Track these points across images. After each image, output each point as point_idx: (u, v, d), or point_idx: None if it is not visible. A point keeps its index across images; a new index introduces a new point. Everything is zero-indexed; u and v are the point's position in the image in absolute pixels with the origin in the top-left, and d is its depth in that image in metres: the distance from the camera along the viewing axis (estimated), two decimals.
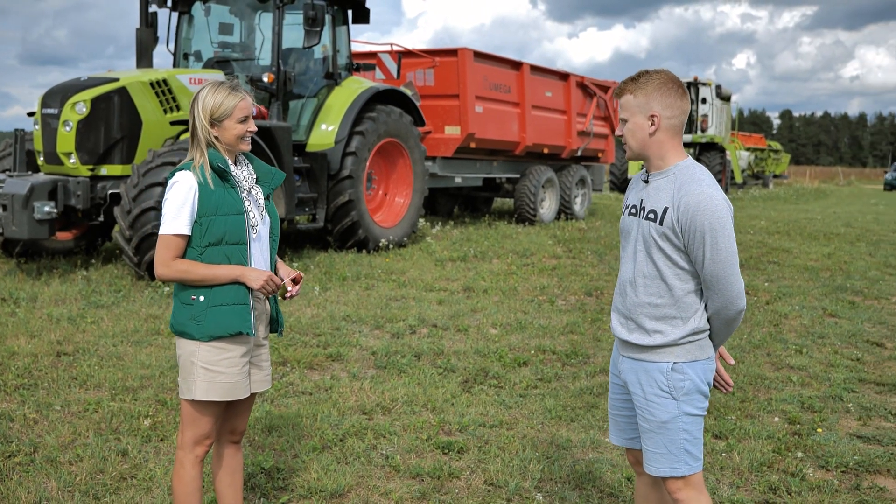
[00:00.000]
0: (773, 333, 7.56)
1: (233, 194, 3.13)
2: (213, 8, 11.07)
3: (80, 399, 5.24)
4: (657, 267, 2.83)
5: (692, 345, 2.84)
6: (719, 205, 2.72)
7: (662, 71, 2.86)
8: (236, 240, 3.12)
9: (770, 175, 40.69)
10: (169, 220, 3.05)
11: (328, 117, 11.06)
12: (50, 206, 8.66)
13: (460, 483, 4.24)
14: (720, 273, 2.74)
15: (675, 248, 2.79)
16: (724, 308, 2.79)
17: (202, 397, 3.10)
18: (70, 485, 4.00)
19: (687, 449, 2.85)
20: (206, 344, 3.08)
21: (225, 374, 3.10)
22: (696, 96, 27.64)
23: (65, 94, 9.32)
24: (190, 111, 3.14)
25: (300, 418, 4.99)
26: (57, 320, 7.17)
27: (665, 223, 2.78)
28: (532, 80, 15.28)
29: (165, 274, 3.08)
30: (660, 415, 2.85)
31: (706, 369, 2.87)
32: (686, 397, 2.83)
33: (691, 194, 2.73)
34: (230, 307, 3.08)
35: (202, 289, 3.08)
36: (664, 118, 2.80)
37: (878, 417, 5.44)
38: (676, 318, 2.83)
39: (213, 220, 3.07)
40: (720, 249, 2.72)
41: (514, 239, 13.13)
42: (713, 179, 2.82)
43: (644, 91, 2.81)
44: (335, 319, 7.49)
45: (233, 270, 3.08)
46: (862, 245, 14.03)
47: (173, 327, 3.15)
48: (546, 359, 6.58)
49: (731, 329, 2.88)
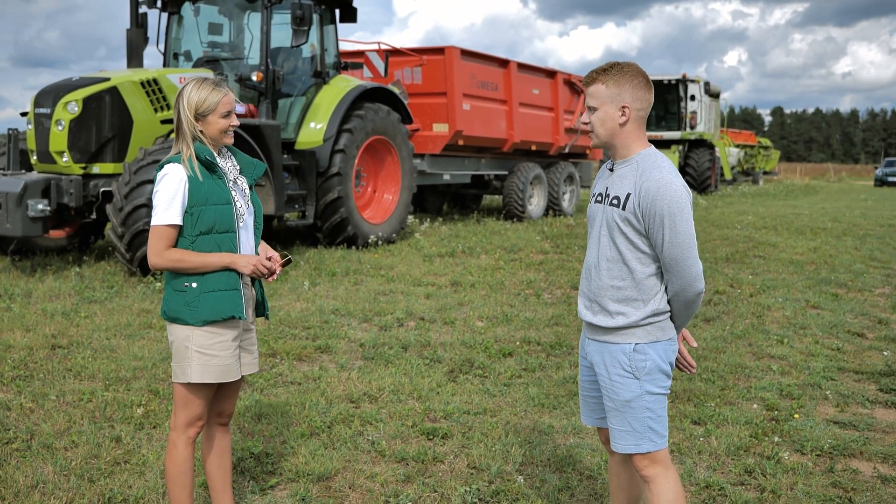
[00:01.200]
0: (755, 324, 7.71)
1: (220, 185, 3.26)
2: (203, 8, 11.18)
3: (75, 389, 5.36)
4: (619, 251, 2.95)
5: (653, 326, 2.96)
6: (678, 190, 2.85)
7: (632, 64, 2.97)
8: (226, 228, 3.25)
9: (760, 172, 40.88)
10: (161, 212, 3.18)
11: (317, 115, 11.18)
12: (43, 204, 8.76)
13: (444, 467, 4.37)
14: (678, 256, 2.85)
15: (636, 232, 2.91)
16: (683, 290, 2.91)
17: (198, 380, 3.23)
18: (66, 469, 4.13)
19: (651, 426, 2.97)
20: (200, 329, 3.21)
21: (218, 356, 3.24)
22: (684, 93, 27.81)
23: (57, 93, 9.42)
24: (175, 107, 3.26)
25: (289, 406, 5.11)
26: (51, 315, 7.28)
27: (627, 208, 2.90)
28: (519, 78, 15.42)
29: (159, 263, 3.20)
30: (623, 394, 2.97)
31: (667, 350, 2.99)
32: (648, 377, 2.95)
33: (651, 180, 2.85)
34: (222, 293, 3.22)
35: (195, 276, 3.21)
36: (634, 110, 2.92)
37: (856, 404, 5.58)
38: (637, 301, 2.95)
39: (204, 210, 3.20)
40: (678, 233, 2.83)
41: (502, 235, 13.27)
42: (673, 167, 2.94)
43: (616, 82, 2.91)
44: (324, 313, 7.61)
45: (223, 258, 3.22)
46: (848, 239, 14.20)
47: (166, 314, 3.27)
48: (531, 350, 6.72)
49: (691, 311, 2.99)
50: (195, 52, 11.14)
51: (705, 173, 27.49)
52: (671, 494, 3.00)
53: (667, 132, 27.89)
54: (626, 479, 3.29)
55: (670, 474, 3.03)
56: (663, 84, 28.19)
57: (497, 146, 15.31)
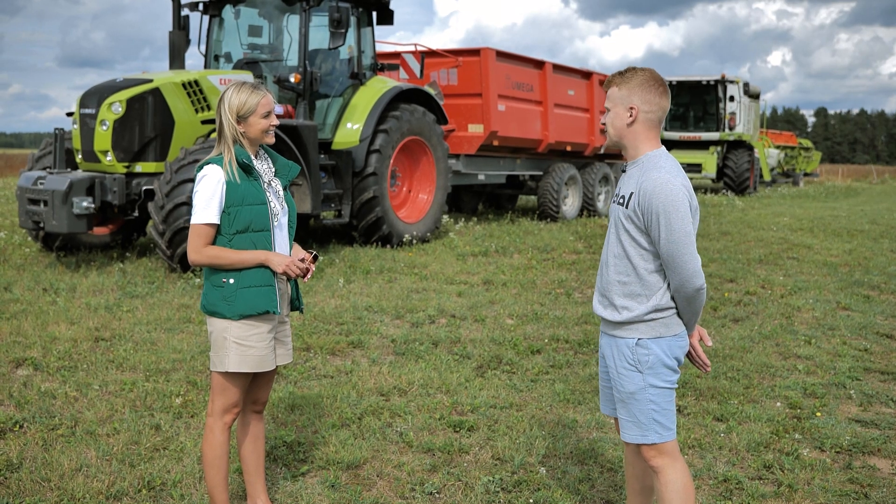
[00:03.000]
0: (784, 325, 7.75)
1: (256, 186, 3.44)
2: (243, 11, 11.44)
3: (117, 380, 5.59)
4: (624, 247, 3.11)
5: (656, 322, 3.09)
6: (674, 189, 2.98)
7: (649, 70, 3.14)
8: (261, 227, 3.44)
9: (801, 173, 40.43)
10: (200, 211, 3.37)
11: (353, 116, 11.38)
12: (88, 202, 9.06)
13: (469, 458, 4.52)
14: (675, 252, 2.98)
15: (638, 229, 3.06)
16: (682, 286, 3.03)
17: (235, 369, 3.42)
18: (108, 454, 4.34)
19: (655, 419, 3.10)
20: (237, 322, 3.39)
21: (255, 347, 3.43)
22: (723, 94, 27.60)
23: (101, 94, 9.72)
24: (217, 111, 3.45)
25: (321, 398, 5.30)
26: (95, 309, 7.55)
27: (630, 206, 3.07)
28: (554, 79, 15.51)
29: (198, 260, 3.40)
30: (628, 386, 3.12)
31: (671, 345, 3.11)
32: (651, 370, 3.09)
33: (650, 179, 3.01)
34: (257, 288, 3.41)
35: (232, 272, 3.39)
36: (642, 111, 3.09)
37: (879, 404, 5.63)
38: (641, 296, 3.09)
39: (240, 210, 3.38)
40: (674, 230, 2.97)
41: (535, 235, 13.38)
42: (676, 167, 3.07)
43: (628, 85, 3.10)
44: (357, 310, 7.80)
45: (258, 255, 3.40)
46: (885, 242, 14.08)
47: (205, 307, 3.46)
48: (559, 347, 6.84)
49: (694, 307, 3.09)
50: (235, 54, 11.40)
51: (744, 174, 27.26)
52: (679, 484, 3.12)
53: (705, 133, 27.72)
54: (641, 469, 3.41)
55: (678, 465, 3.15)
56: (702, 85, 28.04)
57: (532, 147, 15.41)
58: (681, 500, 3.12)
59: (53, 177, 9.19)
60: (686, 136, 27.92)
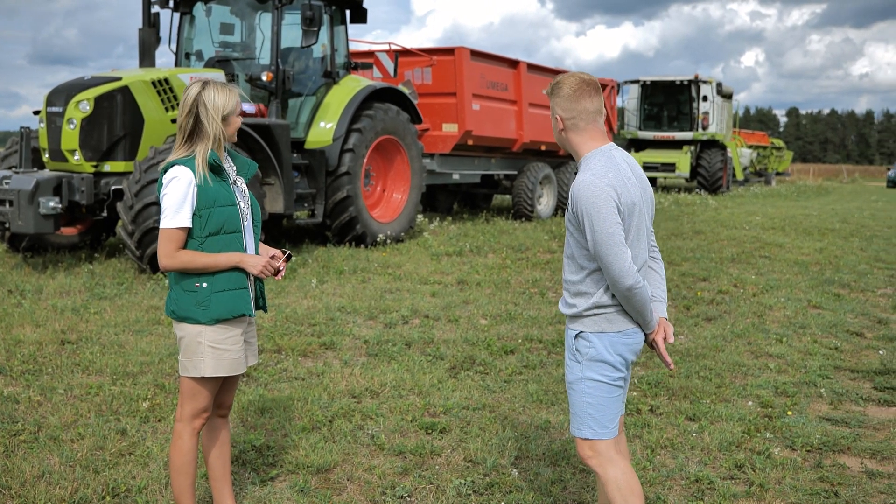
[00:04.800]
0: (755, 324, 7.78)
1: (226, 187, 3.38)
2: (214, 8, 11.32)
3: (83, 383, 5.49)
4: (572, 248, 3.19)
5: (598, 317, 3.14)
6: (594, 190, 3.00)
7: (572, 76, 3.18)
8: (233, 229, 3.38)
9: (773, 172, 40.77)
10: (171, 215, 3.27)
11: (326, 115, 11.31)
12: (55, 202, 8.92)
13: (441, 460, 4.48)
14: (600, 253, 3.02)
15: (578, 230, 3.12)
16: (613, 285, 3.07)
17: (212, 374, 3.36)
18: (72, 460, 4.26)
19: (590, 413, 3.14)
20: (211, 326, 3.33)
21: (229, 351, 3.38)
22: (697, 94, 27.78)
23: (69, 92, 9.58)
24: (191, 110, 3.32)
25: (292, 401, 5.23)
26: (61, 311, 7.43)
27: (568, 209, 3.16)
28: (529, 78, 15.51)
29: (170, 265, 3.31)
30: (568, 375, 3.24)
31: (615, 342, 3.13)
32: (589, 363, 3.14)
33: (577, 182, 3.08)
34: (232, 292, 3.36)
35: (204, 276, 3.32)
36: (565, 119, 3.17)
37: (849, 402, 5.65)
38: (586, 294, 3.15)
39: (212, 212, 3.31)
40: (596, 231, 3.00)
41: (510, 234, 13.37)
42: (606, 167, 3.07)
43: (552, 97, 3.21)
44: (330, 310, 7.73)
45: (232, 258, 3.35)
46: (855, 240, 14.20)
47: (175, 313, 3.37)
48: (533, 347, 6.82)
49: (633, 305, 3.09)
50: (207, 52, 11.28)
51: (717, 174, 27.45)
52: (621, 481, 3.14)
53: (679, 132, 27.89)
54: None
55: (617, 464, 3.16)
56: (676, 85, 28.21)
57: (507, 146, 15.40)
58: (622, 497, 3.13)
59: (19, 176, 9.05)
60: (660, 136, 28.09)
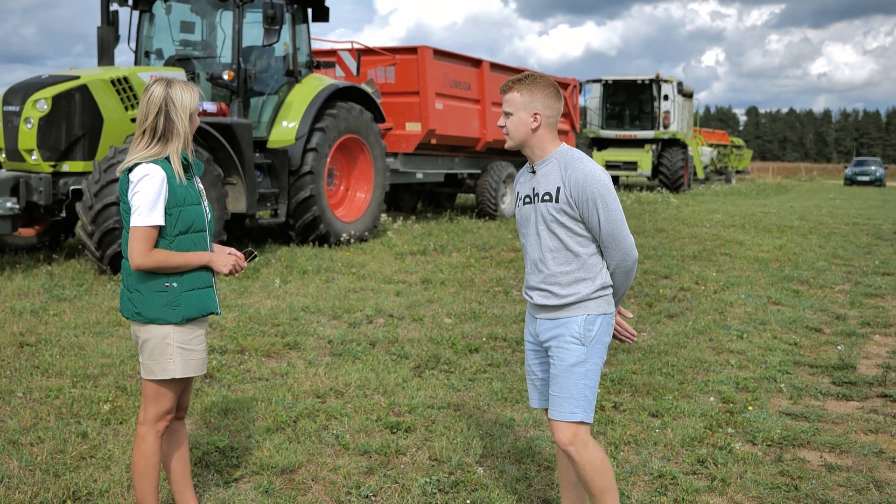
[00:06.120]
0: (717, 320, 7.87)
1: (192, 186, 3.36)
2: (174, 6, 11.20)
3: (42, 386, 5.41)
4: (560, 239, 3.24)
5: (602, 299, 3.28)
6: (602, 176, 3.20)
7: (545, 75, 3.32)
8: (200, 227, 3.37)
9: (732, 171, 41.34)
10: (145, 213, 3.22)
11: (289, 114, 11.25)
12: (12, 203, 8.77)
13: (406, 459, 4.47)
14: (614, 231, 3.20)
15: (572, 219, 3.21)
16: (623, 260, 3.25)
17: (181, 375, 3.33)
18: (31, 464, 4.19)
19: (586, 394, 3.24)
20: (180, 326, 3.31)
21: (196, 350, 3.37)
22: (658, 93, 28.06)
23: (26, 91, 9.43)
24: (160, 110, 3.27)
25: (255, 402, 5.20)
26: (20, 313, 7.31)
27: (560, 200, 3.21)
28: (492, 77, 15.54)
29: (145, 264, 3.25)
30: (568, 358, 3.24)
31: (609, 323, 3.32)
32: (592, 345, 3.25)
33: (578, 171, 3.18)
34: (200, 290, 3.35)
35: (174, 276, 3.30)
36: (545, 116, 3.25)
37: (809, 397, 5.74)
38: (586, 279, 3.25)
39: (182, 211, 3.30)
40: (611, 211, 3.18)
41: (474, 233, 13.39)
42: (590, 158, 3.27)
43: (530, 91, 3.25)
44: (294, 310, 7.69)
45: (202, 257, 3.35)
46: (813, 237, 14.43)
47: (141, 315, 3.30)
48: (497, 345, 6.84)
49: (630, 280, 3.32)
50: (167, 51, 11.16)
51: (678, 172, 27.74)
52: (597, 462, 3.25)
53: (640, 131, 28.15)
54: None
55: (590, 445, 3.27)
56: (637, 84, 28.46)
57: (470, 145, 15.42)
58: (599, 476, 3.25)
59: None
60: (622, 135, 28.32)
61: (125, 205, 3.29)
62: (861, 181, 43.29)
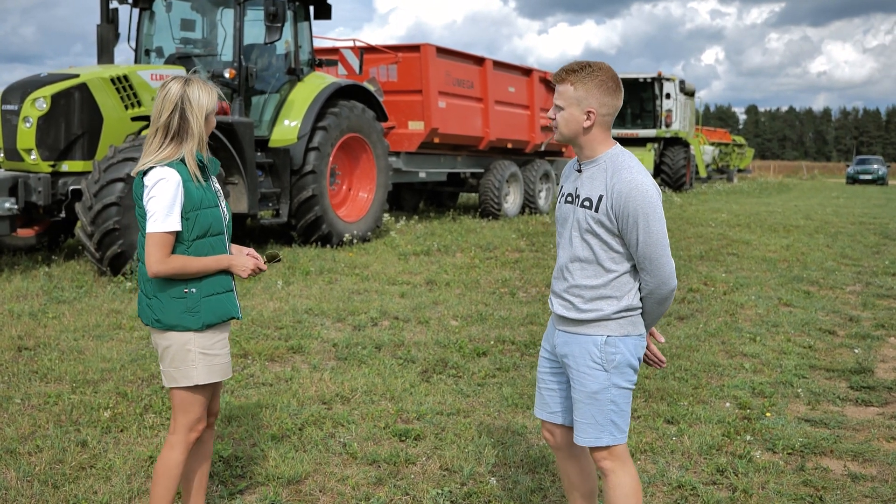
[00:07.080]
0: (728, 322, 7.73)
1: (208, 188, 3.25)
2: (175, 4, 11.06)
3: (41, 392, 5.26)
4: (593, 251, 2.96)
5: (625, 320, 2.99)
6: (649, 190, 2.87)
7: (604, 66, 2.94)
8: (218, 231, 3.26)
9: (734, 169, 41.20)
10: (161, 218, 3.10)
11: (290, 113, 11.10)
12: (10, 203, 8.63)
13: (416, 469, 4.33)
14: (653, 254, 2.89)
15: (609, 232, 2.92)
16: (658, 288, 2.95)
17: (205, 381, 3.21)
18: (29, 475, 4.04)
19: (613, 420, 3.00)
20: (202, 332, 3.20)
21: (219, 355, 3.26)
22: (660, 91, 27.91)
23: (24, 90, 9.28)
24: (176, 108, 3.16)
25: (260, 408, 5.05)
26: (18, 316, 7.16)
27: (600, 210, 2.92)
28: (495, 76, 15.40)
29: (162, 271, 3.13)
30: (590, 385, 2.99)
31: (637, 345, 3.02)
32: (616, 370, 2.98)
33: (623, 181, 2.87)
34: (220, 295, 3.24)
35: (192, 281, 3.18)
36: (600, 115, 2.93)
37: (827, 402, 5.60)
38: (612, 298, 2.97)
39: (199, 214, 3.17)
40: (652, 232, 2.87)
41: (477, 233, 13.25)
42: (641, 166, 2.96)
43: (585, 86, 2.90)
44: (297, 313, 7.54)
45: (220, 261, 3.23)
46: (820, 237, 14.31)
47: (161, 322, 3.18)
48: (505, 349, 6.69)
49: (664, 308, 3.02)
50: (167, 49, 11.02)
51: (680, 171, 27.61)
52: (628, 488, 3.03)
53: (642, 130, 28.00)
54: (577, 475, 3.31)
55: (627, 468, 3.06)
56: (639, 82, 28.30)
57: (473, 144, 15.27)
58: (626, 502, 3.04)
59: None
60: (623, 134, 28.16)
61: (140, 209, 3.16)
62: (863, 180, 43.19)
